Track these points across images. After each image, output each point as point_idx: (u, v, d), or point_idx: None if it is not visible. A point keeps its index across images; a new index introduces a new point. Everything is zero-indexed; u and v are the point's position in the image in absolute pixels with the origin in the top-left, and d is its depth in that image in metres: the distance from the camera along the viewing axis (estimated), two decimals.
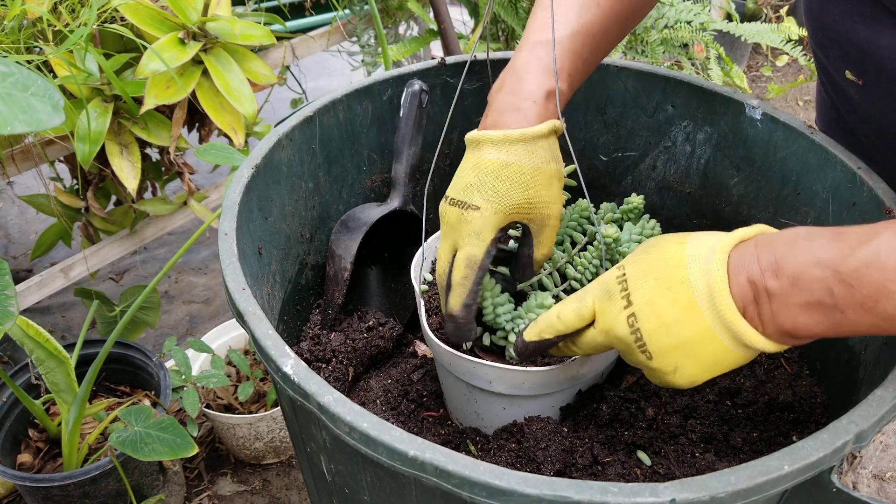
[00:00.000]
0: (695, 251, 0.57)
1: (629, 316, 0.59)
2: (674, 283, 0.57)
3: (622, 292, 0.60)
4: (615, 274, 0.62)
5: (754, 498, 0.51)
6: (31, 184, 2.27)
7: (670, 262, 0.58)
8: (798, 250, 0.53)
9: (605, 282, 0.62)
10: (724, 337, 0.55)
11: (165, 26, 1.27)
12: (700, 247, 0.57)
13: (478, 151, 0.71)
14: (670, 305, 0.57)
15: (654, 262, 0.59)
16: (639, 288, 0.59)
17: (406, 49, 1.88)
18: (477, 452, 0.82)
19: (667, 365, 0.58)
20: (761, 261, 0.54)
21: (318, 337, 0.96)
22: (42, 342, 1.10)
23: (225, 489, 1.48)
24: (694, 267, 0.56)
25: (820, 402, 0.82)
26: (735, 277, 0.55)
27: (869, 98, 0.76)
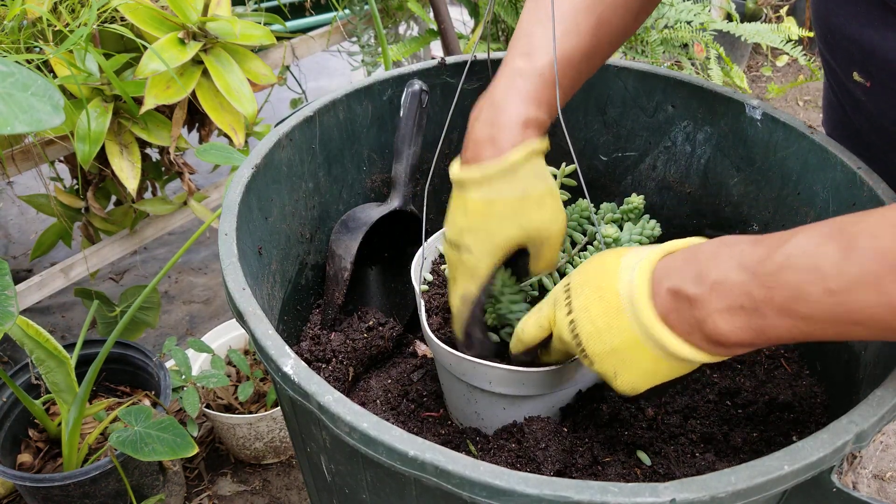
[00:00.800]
0: (628, 261, 0.59)
1: (570, 322, 0.61)
2: (605, 292, 0.59)
3: (566, 299, 0.62)
4: (563, 283, 0.64)
5: (754, 498, 0.51)
6: (31, 184, 2.27)
7: (606, 271, 0.60)
8: (721, 257, 0.53)
9: (555, 291, 0.66)
10: (649, 346, 0.57)
11: (165, 26, 1.27)
12: (632, 257, 0.59)
13: (462, 192, 0.72)
14: (602, 312, 0.59)
15: (593, 271, 0.61)
16: (578, 295, 0.61)
17: (406, 49, 1.88)
18: (477, 452, 0.82)
19: (607, 370, 0.60)
20: (684, 270, 0.55)
21: (318, 337, 0.96)
22: (42, 342, 1.10)
23: (225, 489, 1.48)
24: (623, 276, 0.58)
25: (820, 402, 0.82)
26: (658, 286, 0.56)
27: (876, 99, 0.76)
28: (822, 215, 0.85)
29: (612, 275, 0.59)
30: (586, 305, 0.60)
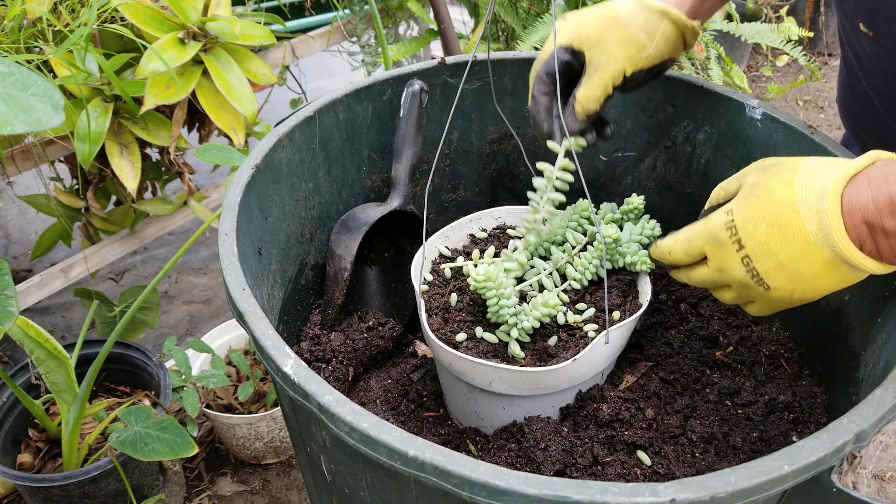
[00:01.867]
0: (805, 194, 0.59)
1: (744, 258, 0.63)
2: (787, 228, 0.60)
3: (732, 237, 0.63)
4: (722, 220, 0.64)
5: (754, 498, 0.51)
6: (31, 184, 2.27)
7: (780, 205, 0.60)
8: None
9: (713, 229, 0.65)
10: (843, 267, 0.59)
11: (165, 26, 1.27)
12: (810, 190, 0.59)
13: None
14: (785, 247, 0.60)
15: (763, 207, 0.61)
16: (750, 233, 0.62)
17: (406, 49, 1.88)
18: (477, 452, 0.82)
19: (784, 293, 0.63)
20: (877, 200, 0.56)
21: (318, 337, 0.96)
22: (42, 342, 1.10)
23: (225, 489, 1.48)
24: (806, 213, 0.59)
25: (820, 402, 0.82)
26: (850, 219, 0.57)
27: (879, 49, 0.77)
28: None
29: (791, 210, 0.59)
30: (764, 242, 0.61)
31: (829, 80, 3.13)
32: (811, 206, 0.59)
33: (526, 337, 0.79)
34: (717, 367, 0.90)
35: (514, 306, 0.78)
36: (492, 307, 0.78)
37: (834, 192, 0.58)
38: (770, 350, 0.90)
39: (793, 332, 0.92)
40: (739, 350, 0.92)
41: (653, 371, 0.89)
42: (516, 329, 0.78)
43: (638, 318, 0.79)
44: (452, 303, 0.85)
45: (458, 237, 0.94)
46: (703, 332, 0.95)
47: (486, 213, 0.96)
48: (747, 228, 0.62)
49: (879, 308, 0.74)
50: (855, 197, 0.57)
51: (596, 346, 0.76)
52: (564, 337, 0.80)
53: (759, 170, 0.65)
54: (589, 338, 0.79)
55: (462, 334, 0.81)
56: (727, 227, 0.64)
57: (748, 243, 0.62)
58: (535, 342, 0.80)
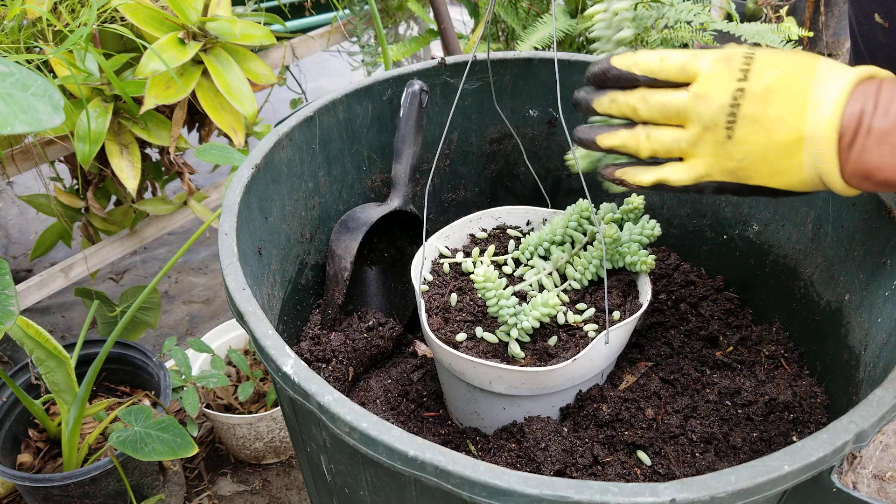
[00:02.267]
0: (826, 70, 0.56)
1: (737, 89, 0.57)
2: (796, 85, 0.56)
3: (744, 65, 0.58)
4: (742, 50, 0.58)
5: (754, 498, 0.51)
6: (31, 184, 2.27)
7: (803, 66, 0.56)
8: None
9: (728, 53, 0.59)
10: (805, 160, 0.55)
11: (165, 26, 1.27)
12: (832, 70, 0.56)
13: None
14: (783, 100, 0.56)
15: (788, 59, 0.57)
16: (763, 70, 0.57)
17: (406, 49, 1.88)
18: (477, 452, 0.82)
19: (738, 153, 0.57)
20: (880, 97, 0.54)
21: (318, 337, 0.96)
22: (42, 342, 1.10)
23: (225, 489, 1.48)
24: (820, 85, 0.55)
25: (820, 402, 0.82)
26: (851, 103, 0.54)
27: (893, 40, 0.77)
28: (821, 215, 0.85)
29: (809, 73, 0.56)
30: (770, 86, 0.56)
31: None
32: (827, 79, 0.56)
33: (526, 337, 0.79)
34: (717, 367, 0.90)
35: (513, 306, 0.78)
36: (491, 307, 0.78)
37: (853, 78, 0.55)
38: (770, 350, 0.90)
39: (793, 332, 0.92)
40: (739, 350, 0.92)
41: (653, 371, 0.89)
42: (516, 329, 0.78)
43: (638, 318, 0.79)
44: (452, 303, 0.85)
45: (458, 237, 0.94)
46: (703, 332, 0.95)
47: (486, 213, 0.96)
48: (764, 65, 0.57)
49: (879, 308, 0.74)
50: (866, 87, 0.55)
51: (596, 346, 0.76)
52: (564, 337, 0.80)
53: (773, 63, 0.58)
54: (589, 338, 0.79)
55: (462, 334, 0.81)
56: (745, 56, 0.58)
57: (753, 78, 0.57)
58: (535, 342, 0.80)
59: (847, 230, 0.81)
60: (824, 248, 0.85)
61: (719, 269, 1.02)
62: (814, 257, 0.87)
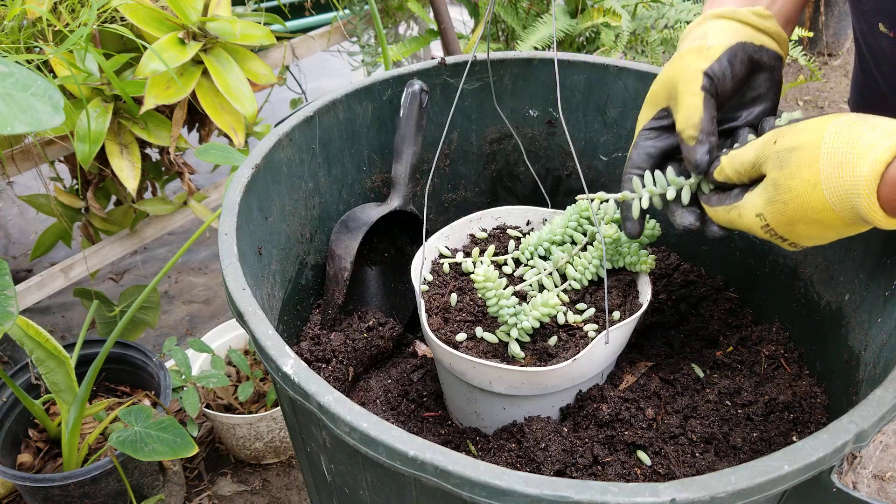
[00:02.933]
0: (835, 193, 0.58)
1: (789, 244, 0.65)
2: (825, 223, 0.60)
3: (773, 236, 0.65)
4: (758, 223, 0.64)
5: (754, 498, 0.51)
6: (31, 184, 2.27)
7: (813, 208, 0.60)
8: None
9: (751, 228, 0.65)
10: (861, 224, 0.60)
11: (165, 26, 1.27)
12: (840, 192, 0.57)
13: None
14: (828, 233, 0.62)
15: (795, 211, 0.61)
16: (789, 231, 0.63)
17: (406, 49, 1.88)
18: (477, 452, 0.82)
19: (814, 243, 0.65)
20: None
21: (318, 337, 0.96)
22: (42, 342, 1.10)
23: (225, 489, 1.48)
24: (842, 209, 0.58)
25: (820, 402, 0.82)
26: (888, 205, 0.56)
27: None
28: None
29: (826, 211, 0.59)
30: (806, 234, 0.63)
31: (829, 80, 3.13)
32: (846, 204, 0.58)
33: (526, 337, 0.79)
34: (717, 367, 0.90)
35: (513, 306, 0.78)
36: (491, 307, 0.78)
37: (870, 192, 0.56)
38: (770, 350, 0.90)
39: (793, 332, 0.92)
40: (739, 350, 0.92)
41: (653, 371, 0.89)
42: (516, 329, 0.78)
43: (638, 318, 0.79)
44: (452, 303, 0.85)
45: (458, 237, 0.94)
46: (703, 332, 0.95)
47: (486, 213, 0.96)
48: (785, 229, 0.63)
49: (879, 308, 0.74)
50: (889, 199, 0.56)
51: (596, 346, 0.76)
52: (564, 337, 0.80)
53: (775, 163, 0.62)
54: (589, 338, 0.79)
55: (462, 334, 0.81)
56: (766, 231, 0.65)
57: (790, 236, 0.64)
58: (535, 342, 0.80)
59: None
60: (824, 248, 0.85)
61: (719, 269, 1.02)
62: (814, 257, 0.87)
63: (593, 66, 1.01)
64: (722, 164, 0.68)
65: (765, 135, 0.65)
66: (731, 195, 0.68)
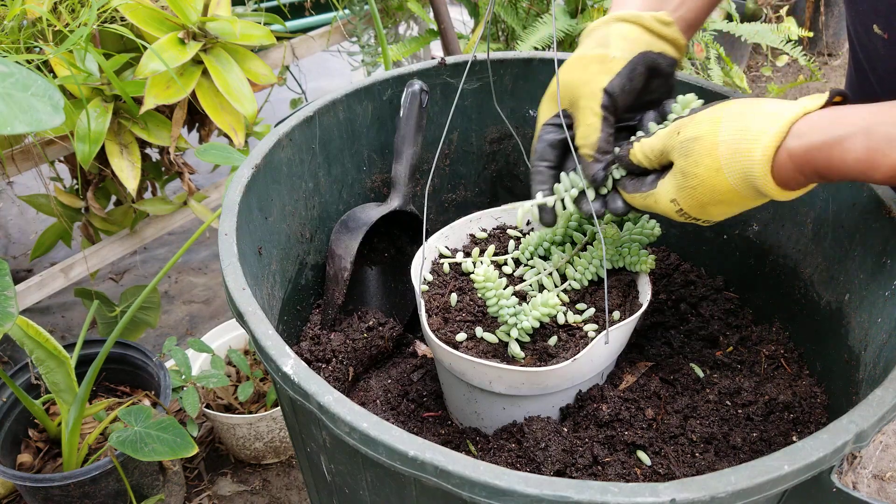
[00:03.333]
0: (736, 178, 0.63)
1: (678, 210, 0.69)
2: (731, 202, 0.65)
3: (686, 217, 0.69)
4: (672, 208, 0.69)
5: (754, 498, 0.51)
6: (31, 184, 2.27)
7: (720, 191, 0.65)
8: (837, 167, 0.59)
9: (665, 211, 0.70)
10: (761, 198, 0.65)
11: (165, 26, 1.27)
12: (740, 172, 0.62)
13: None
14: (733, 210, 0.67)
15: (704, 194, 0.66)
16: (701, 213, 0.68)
17: (406, 49, 1.88)
18: (477, 452, 0.82)
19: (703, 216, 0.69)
20: (804, 172, 0.60)
21: (318, 337, 0.96)
22: (42, 342, 1.10)
23: (225, 489, 1.48)
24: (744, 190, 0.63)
25: (820, 402, 0.82)
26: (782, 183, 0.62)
27: (892, 51, 0.77)
28: (822, 215, 0.85)
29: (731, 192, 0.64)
30: (716, 213, 0.67)
31: (829, 80, 3.13)
32: (746, 185, 0.63)
33: (526, 337, 0.79)
34: (717, 367, 0.90)
35: (513, 306, 0.78)
36: (491, 307, 0.78)
37: (765, 175, 0.61)
38: (770, 350, 0.90)
39: (793, 332, 0.92)
40: (739, 350, 0.92)
41: (653, 371, 0.89)
42: (516, 329, 0.78)
43: (638, 318, 0.79)
44: (452, 303, 0.85)
45: (458, 237, 0.94)
46: (703, 332, 0.95)
47: (486, 213, 0.96)
48: (697, 210, 0.68)
49: (879, 308, 0.74)
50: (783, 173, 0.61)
51: (596, 346, 0.76)
52: (564, 337, 0.80)
53: (682, 154, 0.66)
54: (589, 338, 0.79)
55: (462, 334, 0.81)
56: (680, 214, 0.69)
57: (702, 216, 0.69)
58: (535, 342, 0.80)
59: (847, 230, 0.81)
60: (824, 248, 0.85)
61: (719, 269, 1.02)
62: (814, 257, 0.87)
63: None
64: (634, 149, 0.72)
65: (668, 126, 0.70)
66: (645, 182, 0.72)
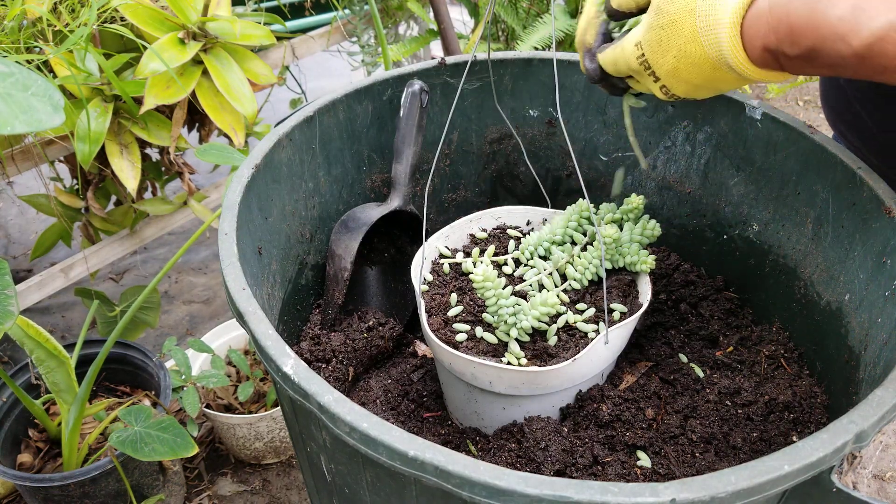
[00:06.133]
0: (705, 21, 0.61)
1: (661, 87, 0.67)
2: (693, 59, 0.63)
3: (647, 70, 0.67)
4: (634, 53, 0.67)
5: (754, 498, 0.51)
6: (31, 184, 2.27)
7: (683, 37, 0.63)
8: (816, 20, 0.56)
9: (627, 60, 0.68)
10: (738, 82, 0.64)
11: (165, 26, 1.27)
12: (709, 18, 0.61)
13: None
14: (696, 74, 0.64)
15: (668, 38, 0.64)
16: (660, 65, 0.66)
17: (406, 49, 1.88)
18: (477, 452, 0.82)
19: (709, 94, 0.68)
20: (778, 31, 0.58)
21: (318, 337, 0.96)
22: (42, 342, 1.10)
23: (225, 489, 1.48)
24: (708, 44, 0.61)
25: (820, 402, 0.82)
26: (752, 50, 0.60)
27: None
28: (821, 215, 0.85)
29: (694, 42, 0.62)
30: (675, 72, 0.65)
31: None
32: (711, 38, 0.61)
33: (525, 337, 0.79)
34: (717, 367, 0.90)
35: (513, 306, 0.78)
36: (491, 307, 0.78)
37: (733, 24, 0.59)
38: (770, 350, 0.90)
39: (793, 332, 0.92)
40: (739, 350, 0.92)
41: (653, 371, 0.89)
42: (515, 329, 0.78)
43: (638, 318, 0.79)
44: (452, 303, 0.85)
45: (458, 237, 0.94)
46: (703, 332, 0.95)
47: (486, 213, 0.96)
48: (657, 61, 0.66)
49: (879, 308, 0.74)
50: (754, 26, 0.59)
51: (596, 346, 0.76)
52: (564, 337, 0.80)
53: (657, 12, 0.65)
54: (589, 338, 0.79)
55: (462, 334, 0.81)
56: (640, 62, 0.67)
57: (661, 74, 0.66)
58: (535, 342, 0.80)
59: (847, 230, 0.81)
60: (824, 248, 0.85)
61: (719, 269, 1.02)
62: (814, 257, 0.87)
63: None
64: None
65: None
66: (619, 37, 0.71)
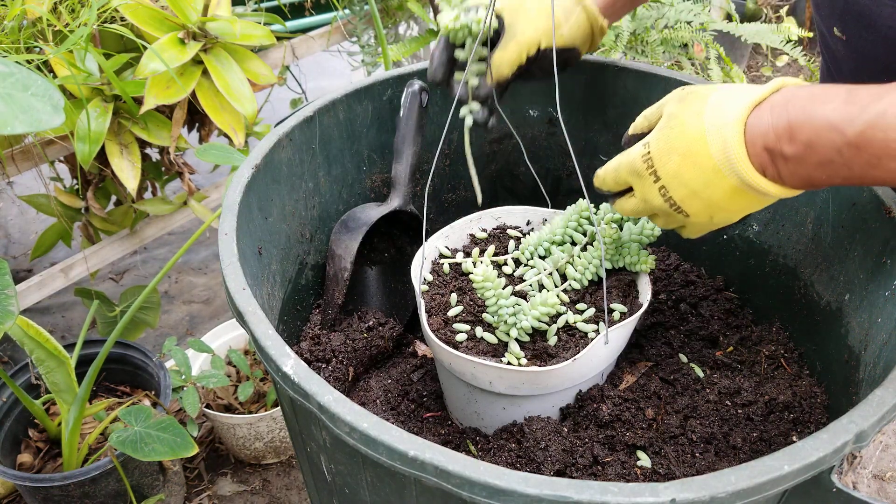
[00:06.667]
0: (712, 123, 0.61)
1: (661, 188, 0.66)
2: (697, 158, 0.62)
3: (649, 169, 0.66)
4: (640, 153, 0.67)
5: (754, 498, 0.51)
6: (31, 184, 2.27)
7: (690, 137, 0.63)
8: (811, 114, 0.57)
9: (632, 161, 0.67)
10: (750, 192, 0.62)
11: (165, 26, 1.27)
12: (717, 119, 0.61)
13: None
14: (696, 176, 0.63)
15: (675, 138, 0.64)
16: (664, 165, 0.64)
17: (406, 49, 1.88)
18: (477, 452, 0.82)
19: (703, 218, 0.66)
20: (777, 127, 0.58)
21: (318, 337, 0.96)
22: (42, 342, 1.10)
23: (225, 489, 1.48)
24: (713, 141, 0.61)
25: (820, 402, 0.82)
26: (752, 147, 0.60)
27: (851, 52, 0.79)
28: (821, 215, 0.85)
29: (700, 141, 0.62)
30: (677, 172, 0.64)
31: None
32: (717, 135, 0.61)
33: (525, 337, 0.79)
34: (717, 367, 0.90)
35: (513, 306, 0.78)
36: (491, 307, 0.78)
37: (737, 121, 0.60)
38: (770, 350, 0.90)
39: (793, 332, 0.92)
40: (739, 350, 0.92)
41: (653, 371, 0.89)
42: (515, 329, 0.78)
43: (638, 318, 0.79)
44: (452, 303, 0.85)
45: (458, 237, 0.94)
46: (703, 332, 0.95)
47: (486, 213, 0.96)
48: (662, 160, 0.65)
49: (879, 308, 0.74)
50: (757, 124, 0.59)
51: (596, 346, 0.76)
52: (564, 337, 0.80)
53: (677, 100, 0.66)
54: (589, 338, 0.79)
55: (462, 334, 0.81)
56: (644, 160, 0.66)
57: (663, 174, 0.65)
58: (535, 342, 0.80)
59: (847, 230, 0.81)
60: (824, 248, 0.85)
61: (719, 269, 1.02)
62: (814, 257, 0.87)
63: (593, 65, 1.01)
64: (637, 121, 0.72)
65: None
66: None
